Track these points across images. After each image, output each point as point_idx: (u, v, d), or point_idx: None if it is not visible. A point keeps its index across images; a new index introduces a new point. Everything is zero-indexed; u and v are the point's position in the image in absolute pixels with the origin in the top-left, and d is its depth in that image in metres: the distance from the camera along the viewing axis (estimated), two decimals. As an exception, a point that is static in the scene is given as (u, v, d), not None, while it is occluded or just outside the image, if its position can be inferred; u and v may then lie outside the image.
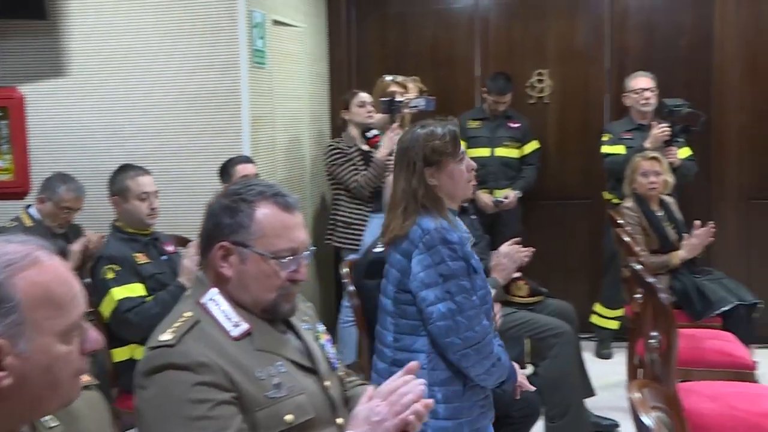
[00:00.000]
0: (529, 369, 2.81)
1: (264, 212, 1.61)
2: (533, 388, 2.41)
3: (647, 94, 4.40)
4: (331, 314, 4.42)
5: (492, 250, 3.85)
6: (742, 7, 4.64)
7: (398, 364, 2.14)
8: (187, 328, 1.54)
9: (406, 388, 1.52)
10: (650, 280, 2.90)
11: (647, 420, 1.54)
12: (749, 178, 4.72)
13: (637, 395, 1.61)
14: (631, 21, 4.84)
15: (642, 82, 4.43)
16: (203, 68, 3.75)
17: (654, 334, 2.75)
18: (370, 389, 1.60)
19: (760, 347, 3.70)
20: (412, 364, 1.62)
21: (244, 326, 1.59)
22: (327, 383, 1.70)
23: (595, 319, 4.70)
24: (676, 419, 1.70)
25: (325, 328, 1.95)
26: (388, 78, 4.36)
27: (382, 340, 2.29)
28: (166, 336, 1.54)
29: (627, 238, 3.53)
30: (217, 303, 1.61)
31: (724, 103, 4.72)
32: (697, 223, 3.76)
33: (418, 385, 1.55)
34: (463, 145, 4.57)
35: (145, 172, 3.12)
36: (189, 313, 1.59)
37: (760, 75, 4.65)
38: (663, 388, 1.85)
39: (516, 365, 2.34)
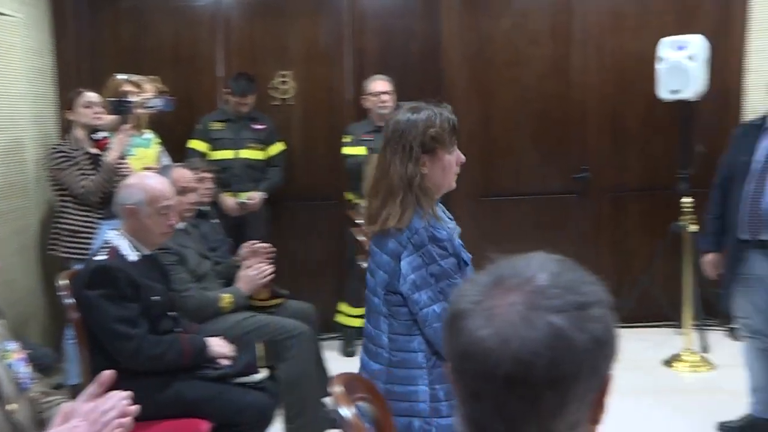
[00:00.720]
0: (262, 373, 2.76)
1: None
2: None
3: (385, 97, 4.56)
4: (60, 331, 4.06)
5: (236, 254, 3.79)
6: (465, 19, 4.96)
7: (397, 366, 2.08)
8: None
9: (108, 404, 1.43)
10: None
11: (345, 412, 1.59)
12: (478, 178, 5.07)
13: (339, 389, 1.65)
14: (370, 25, 4.99)
15: (380, 85, 4.58)
16: None
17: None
18: (65, 407, 1.47)
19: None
20: (105, 374, 1.50)
21: None
22: (10, 407, 1.54)
23: (340, 318, 4.79)
24: (379, 406, 1.76)
25: (18, 345, 1.76)
26: (121, 77, 4.09)
27: (377, 342, 2.15)
28: None
29: (361, 237, 3.62)
30: None
31: (453, 107, 4.96)
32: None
33: (121, 399, 1.45)
34: (206, 147, 4.56)
35: None
36: None
37: (483, 83, 5.02)
38: (366, 380, 1.90)
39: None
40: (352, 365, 3.61)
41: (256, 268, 3.35)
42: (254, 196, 4.56)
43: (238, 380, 2.71)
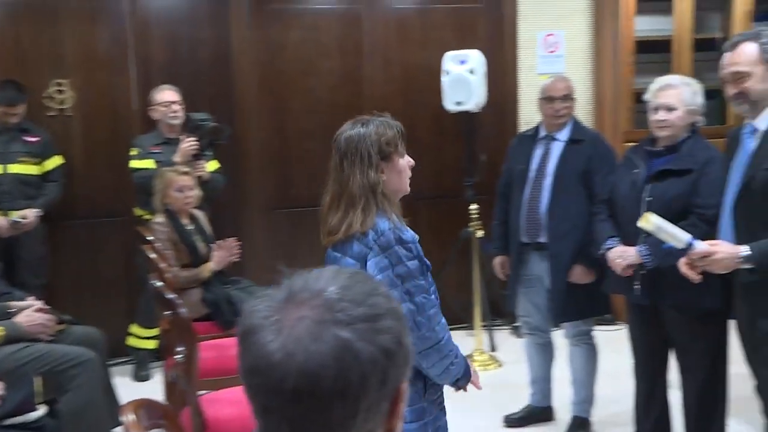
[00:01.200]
0: (40, 410, 2.50)
1: None
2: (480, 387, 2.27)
3: (174, 107, 4.37)
4: None
5: (8, 277, 3.44)
6: (255, 29, 4.91)
7: None
8: None
9: None
10: (170, 296, 2.85)
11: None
12: (272, 189, 5.02)
13: (130, 417, 1.54)
14: (154, 32, 4.77)
15: (168, 95, 4.39)
16: None
17: (180, 349, 2.69)
18: None
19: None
20: None
21: None
22: None
23: (131, 340, 4.51)
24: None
25: None
26: None
27: None
28: None
29: (153, 255, 3.43)
30: None
31: (245, 117, 4.94)
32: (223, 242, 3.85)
33: None
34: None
35: None
36: None
37: (274, 91, 4.98)
38: (161, 405, 1.79)
39: None
40: (146, 390, 3.39)
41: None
42: (28, 215, 4.17)
43: (9, 422, 2.43)
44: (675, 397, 3.17)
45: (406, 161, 2.19)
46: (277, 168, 5.01)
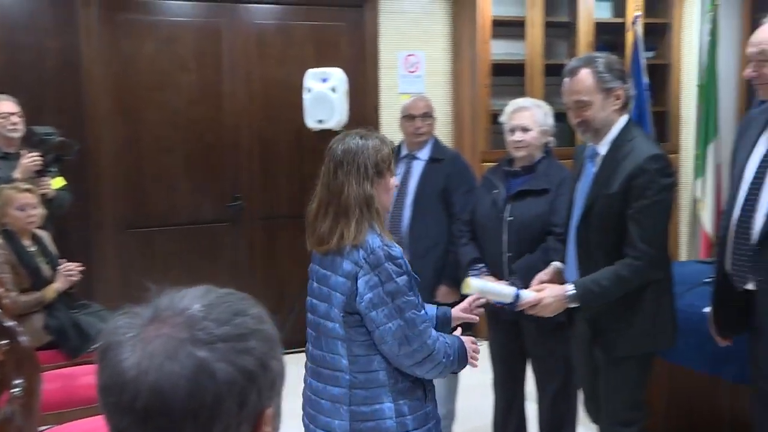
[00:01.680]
0: None
1: None
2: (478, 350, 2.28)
3: (13, 119, 4.04)
4: None
5: None
6: (106, 39, 4.67)
7: (360, 387, 2.08)
8: None
9: None
10: (8, 323, 2.61)
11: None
12: (125, 207, 4.77)
13: None
14: (-9, 39, 4.43)
15: (6, 106, 4.05)
16: None
17: (18, 381, 2.47)
18: None
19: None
20: None
21: None
22: None
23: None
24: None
25: None
26: None
27: (334, 366, 2.13)
28: None
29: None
30: None
31: (97, 131, 4.68)
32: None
33: None
34: None
35: None
36: None
37: (127, 104, 4.76)
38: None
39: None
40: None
41: None
42: None
43: None
44: (531, 409, 3.27)
45: (394, 180, 2.22)
46: (131, 185, 4.77)
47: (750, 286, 2.37)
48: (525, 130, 3.03)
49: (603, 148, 2.57)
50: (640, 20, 5.16)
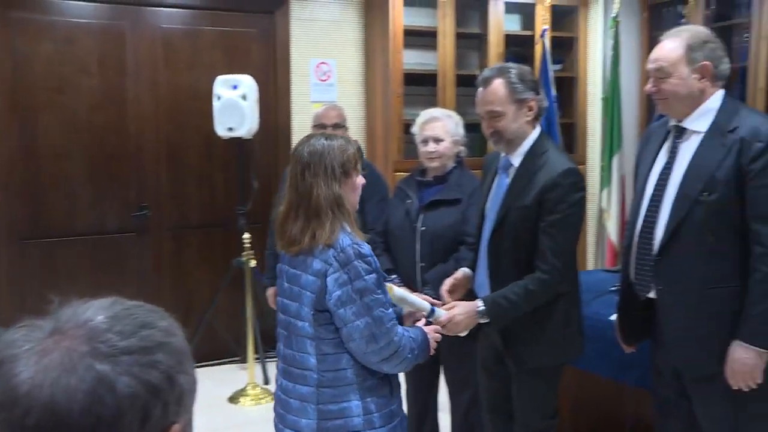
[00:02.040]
0: None
1: None
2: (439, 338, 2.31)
3: None
4: None
5: None
6: None
7: (328, 385, 2.10)
8: None
9: None
10: None
11: None
12: (21, 216, 4.52)
13: None
14: None
15: None
16: None
17: None
18: None
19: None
20: None
21: None
22: None
23: None
24: None
25: None
26: None
27: (303, 365, 2.14)
28: None
29: None
30: None
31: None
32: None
33: None
34: None
35: None
36: None
37: (22, 108, 4.50)
38: None
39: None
40: None
41: None
42: None
43: None
44: (445, 419, 3.26)
45: (360, 179, 2.23)
46: (26, 193, 4.52)
47: (652, 295, 2.43)
48: (437, 140, 3.03)
49: (516, 159, 2.59)
50: (548, 33, 5.28)
